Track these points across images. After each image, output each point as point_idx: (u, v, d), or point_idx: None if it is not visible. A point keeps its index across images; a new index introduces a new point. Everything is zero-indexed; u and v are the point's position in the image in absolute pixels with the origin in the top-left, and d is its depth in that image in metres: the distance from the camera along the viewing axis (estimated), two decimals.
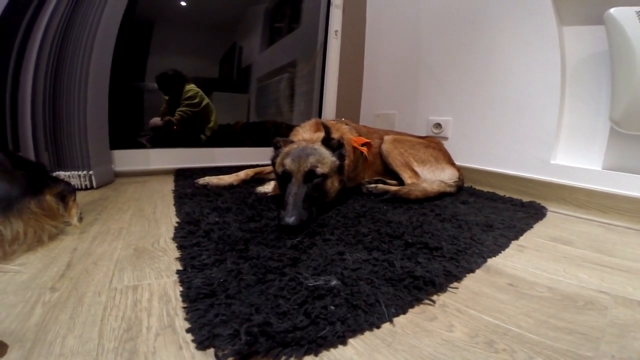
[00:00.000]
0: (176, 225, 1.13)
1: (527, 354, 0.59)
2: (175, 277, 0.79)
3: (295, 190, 1.19)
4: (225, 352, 0.53)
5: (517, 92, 1.87)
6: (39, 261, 0.87)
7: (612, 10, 1.43)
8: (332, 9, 2.70)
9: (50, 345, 0.55)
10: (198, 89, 2.50)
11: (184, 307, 0.66)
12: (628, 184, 1.46)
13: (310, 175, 1.25)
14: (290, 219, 1.06)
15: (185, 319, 0.63)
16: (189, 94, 2.47)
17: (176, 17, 2.40)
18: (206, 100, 2.55)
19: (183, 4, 2.43)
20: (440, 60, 2.29)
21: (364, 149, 1.59)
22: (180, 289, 0.73)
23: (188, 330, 0.59)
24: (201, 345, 0.56)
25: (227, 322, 0.59)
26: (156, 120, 2.39)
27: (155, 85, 2.34)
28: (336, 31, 2.72)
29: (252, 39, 2.81)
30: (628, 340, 0.64)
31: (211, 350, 0.55)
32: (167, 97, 2.42)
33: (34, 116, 1.54)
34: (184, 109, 2.45)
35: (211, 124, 2.60)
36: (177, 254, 0.92)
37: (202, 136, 2.57)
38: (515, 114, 1.88)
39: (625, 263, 1.03)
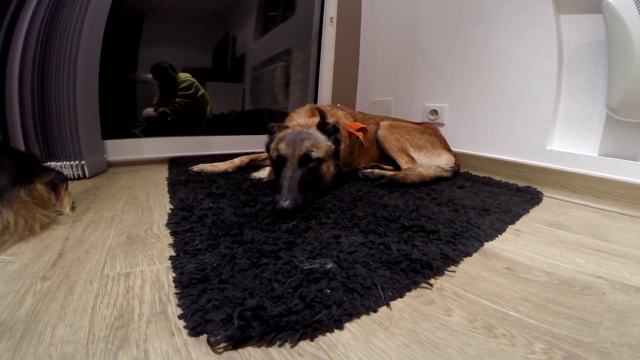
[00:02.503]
0: (170, 211, 1.12)
1: (527, 339, 0.58)
2: (168, 263, 0.78)
3: (290, 174, 1.18)
4: (218, 337, 0.52)
5: (514, 78, 1.86)
6: (31, 251, 0.85)
7: None
8: None
9: (40, 335, 0.54)
10: (193, 79, 2.45)
11: (177, 293, 0.65)
12: (623, 170, 1.46)
13: (305, 159, 1.23)
14: (285, 203, 1.05)
15: (178, 305, 0.62)
16: (184, 85, 2.43)
17: (168, 7, 2.35)
18: (202, 91, 2.50)
19: None
20: (437, 46, 2.26)
21: (360, 134, 1.58)
22: (173, 274, 0.72)
23: (180, 317, 0.58)
24: (193, 331, 0.55)
25: (220, 307, 0.58)
26: (149, 111, 2.35)
27: (148, 76, 2.29)
28: (331, 18, 2.69)
29: (246, 28, 2.76)
30: (627, 326, 0.63)
31: (204, 337, 0.54)
32: (160, 88, 2.38)
33: (22, 108, 1.51)
34: (178, 99, 2.41)
35: (207, 115, 2.57)
36: (170, 240, 0.91)
37: (198, 128, 2.54)
38: (512, 101, 1.87)
39: (621, 248, 1.03)
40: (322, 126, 1.36)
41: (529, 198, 1.48)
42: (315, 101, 2.81)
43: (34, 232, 0.95)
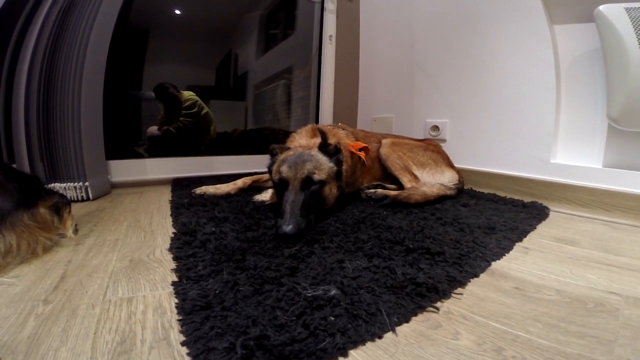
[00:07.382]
0: (172, 236, 1.11)
1: None
2: (171, 288, 0.77)
3: (293, 198, 1.17)
4: None
5: (513, 91, 1.87)
6: (33, 273, 0.86)
7: (601, 7, 1.42)
8: (325, 13, 2.70)
9: (42, 358, 0.54)
10: (197, 98, 2.47)
11: (179, 320, 0.64)
12: (631, 181, 1.45)
13: (307, 182, 1.22)
14: (288, 228, 1.04)
15: (180, 332, 0.61)
16: (187, 103, 2.45)
17: (171, 26, 2.39)
18: (205, 109, 2.53)
19: (178, 12, 2.41)
20: (435, 62, 2.29)
21: (362, 154, 1.57)
22: (176, 300, 0.71)
23: (183, 343, 0.58)
24: (196, 358, 0.54)
25: (223, 335, 0.57)
26: (153, 130, 2.37)
27: (151, 94, 2.31)
28: (330, 36, 2.73)
29: (248, 46, 2.80)
30: None
31: None
32: (165, 107, 2.40)
33: (27, 127, 1.54)
34: (182, 118, 2.43)
35: (211, 134, 2.58)
36: (172, 265, 0.90)
37: (202, 147, 2.55)
38: (513, 114, 1.87)
39: (633, 262, 1.01)
40: (324, 147, 1.35)
41: (535, 214, 1.47)
42: (317, 119, 2.84)
43: (36, 255, 0.96)
